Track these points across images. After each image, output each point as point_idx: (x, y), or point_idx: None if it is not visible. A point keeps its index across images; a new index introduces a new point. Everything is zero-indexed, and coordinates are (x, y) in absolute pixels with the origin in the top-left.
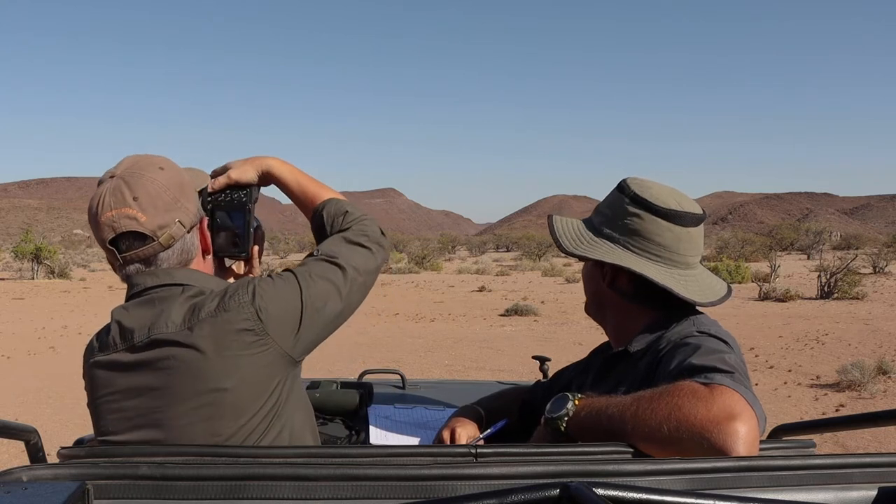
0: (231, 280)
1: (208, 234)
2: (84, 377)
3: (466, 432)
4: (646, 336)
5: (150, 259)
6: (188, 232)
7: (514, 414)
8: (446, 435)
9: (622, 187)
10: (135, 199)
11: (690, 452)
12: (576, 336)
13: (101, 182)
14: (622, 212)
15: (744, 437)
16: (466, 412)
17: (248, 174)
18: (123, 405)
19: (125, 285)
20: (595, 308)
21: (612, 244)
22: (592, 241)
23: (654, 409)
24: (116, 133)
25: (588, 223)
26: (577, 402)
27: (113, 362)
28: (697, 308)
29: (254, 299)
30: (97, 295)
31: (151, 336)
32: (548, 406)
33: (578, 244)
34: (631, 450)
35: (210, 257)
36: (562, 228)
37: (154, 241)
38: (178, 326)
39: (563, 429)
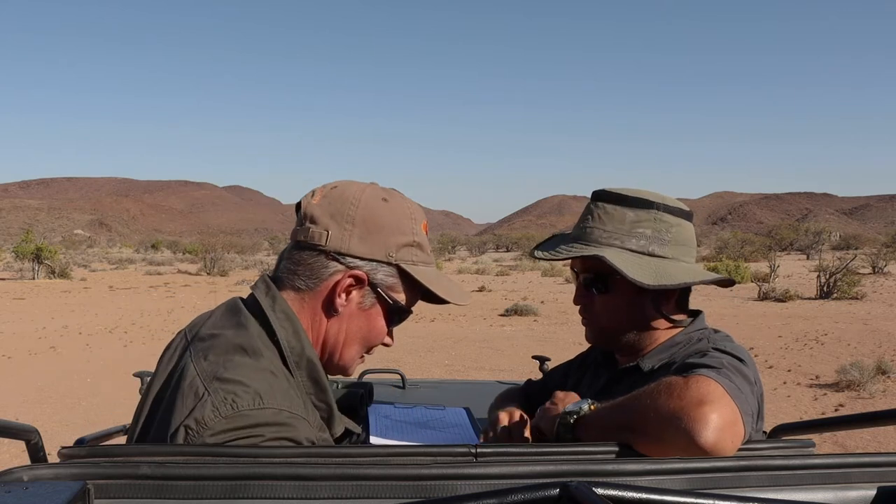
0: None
1: (357, 302)
2: None
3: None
4: (660, 353)
5: (292, 244)
6: (329, 257)
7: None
8: (504, 417)
9: (645, 202)
10: (333, 187)
11: (672, 443)
12: (576, 336)
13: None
14: (663, 226)
15: (714, 422)
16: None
17: None
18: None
19: (127, 286)
20: (618, 334)
21: (675, 261)
22: (662, 267)
23: (639, 405)
24: (117, 133)
25: (621, 246)
26: (592, 407)
27: (176, 335)
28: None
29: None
30: (98, 295)
31: (181, 367)
32: (568, 405)
33: (660, 277)
34: (631, 450)
35: (335, 323)
36: (626, 266)
37: (301, 226)
38: (200, 378)
39: (571, 422)
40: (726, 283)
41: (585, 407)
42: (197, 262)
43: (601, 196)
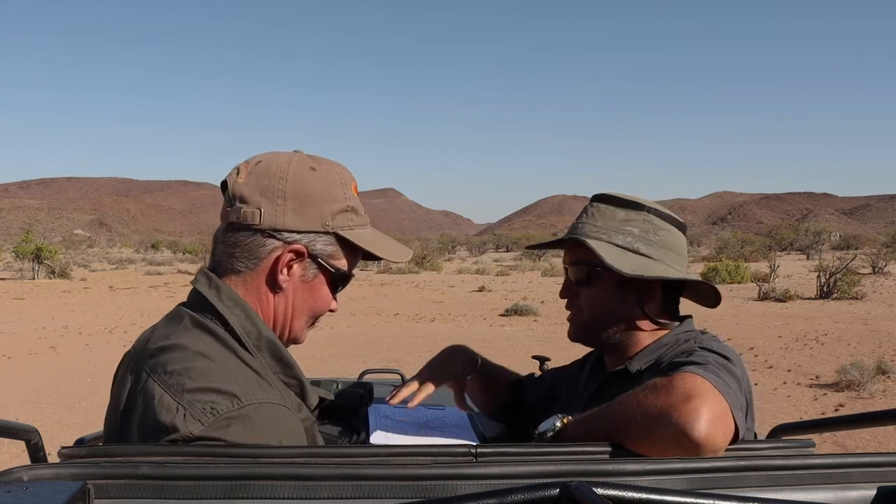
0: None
1: (299, 275)
2: None
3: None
4: (648, 355)
5: (224, 226)
6: (265, 235)
7: (504, 390)
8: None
9: (636, 204)
10: (258, 163)
11: (663, 441)
12: None
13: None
14: (651, 228)
15: (705, 415)
16: (460, 354)
17: None
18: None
19: (127, 286)
20: (600, 330)
21: (659, 262)
22: (644, 264)
23: (624, 409)
24: (117, 133)
25: (608, 241)
26: (564, 422)
27: (122, 360)
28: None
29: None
30: (97, 295)
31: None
32: (541, 424)
33: (639, 270)
34: (630, 450)
35: (282, 299)
36: (606, 254)
37: (231, 206)
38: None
39: (548, 438)
40: (711, 292)
41: (558, 423)
42: (197, 262)
43: (597, 197)
